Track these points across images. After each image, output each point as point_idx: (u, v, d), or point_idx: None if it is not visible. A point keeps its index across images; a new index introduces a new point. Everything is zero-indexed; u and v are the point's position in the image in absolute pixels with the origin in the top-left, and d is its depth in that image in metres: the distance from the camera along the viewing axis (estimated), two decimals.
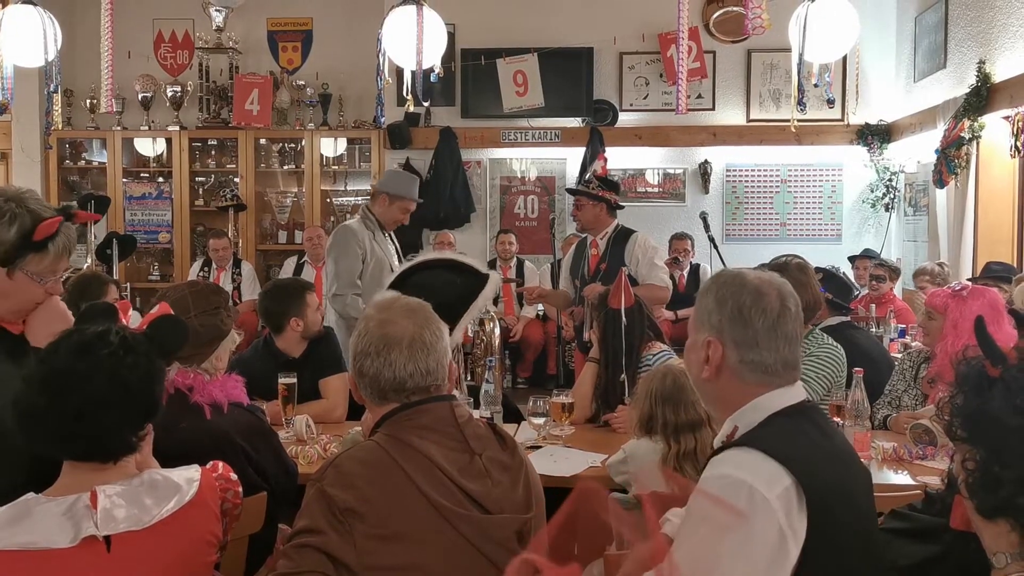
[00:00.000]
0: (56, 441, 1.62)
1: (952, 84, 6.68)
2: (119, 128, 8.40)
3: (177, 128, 8.40)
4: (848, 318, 4.15)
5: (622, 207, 4.94)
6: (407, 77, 4.45)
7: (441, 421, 1.77)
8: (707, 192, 8.25)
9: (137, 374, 1.63)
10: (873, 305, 5.87)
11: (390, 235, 4.80)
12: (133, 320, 1.95)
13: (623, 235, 4.73)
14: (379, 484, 1.67)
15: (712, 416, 2.38)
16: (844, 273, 5.00)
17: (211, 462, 1.85)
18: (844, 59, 6.45)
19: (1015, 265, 5.69)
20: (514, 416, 3.66)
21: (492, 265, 7.60)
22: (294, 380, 3.36)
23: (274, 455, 2.39)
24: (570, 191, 5.31)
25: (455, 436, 1.77)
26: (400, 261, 4.67)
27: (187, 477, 1.72)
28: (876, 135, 7.91)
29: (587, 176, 5.11)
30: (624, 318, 3.43)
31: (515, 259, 7.76)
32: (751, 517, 1.46)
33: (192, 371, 2.29)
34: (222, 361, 2.41)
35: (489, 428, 1.87)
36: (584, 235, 4.96)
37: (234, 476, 1.85)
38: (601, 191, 4.79)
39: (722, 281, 1.70)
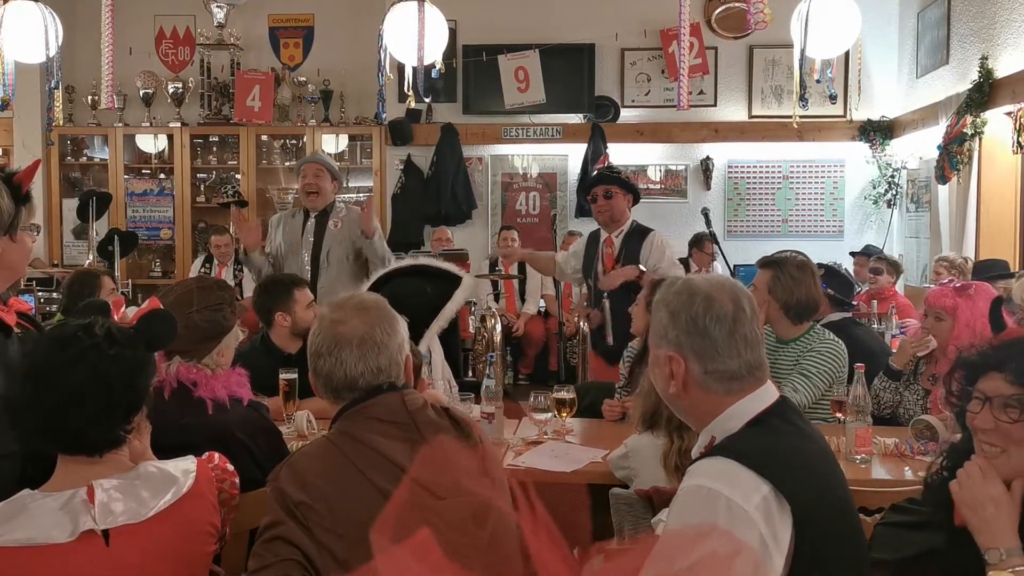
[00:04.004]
0: (41, 433, 1.62)
1: (954, 80, 6.66)
2: (120, 124, 8.40)
3: (178, 124, 8.40)
4: (850, 314, 4.14)
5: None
6: (408, 73, 4.45)
7: (392, 412, 1.80)
8: (709, 188, 8.24)
9: (120, 366, 1.62)
10: (875, 301, 5.85)
11: (314, 217, 4.77)
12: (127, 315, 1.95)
13: (638, 232, 4.42)
14: (331, 479, 1.71)
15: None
16: (846, 269, 4.98)
17: (207, 453, 1.85)
18: (846, 55, 6.44)
19: (1017, 261, 5.68)
20: (515, 412, 3.65)
21: (494, 263, 7.59)
22: (295, 376, 3.35)
23: (276, 452, 2.39)
24: (603, 178, 4.54)
25: (406, 426, 1.80)
26: (314, 237, 4.74)
27: (183, 468, 1.71)
28: (878, 131, 7.90)
29: (596, 169, 4.69)
30: None
31: None
32: (730, 530, 1.42)
33: (195, 366, 2.30)
34: (225, 357, 2.41)
35: (444, 413, 1.89)
36: (596, 231, 4.57)
37: (230, 467, 1.86)
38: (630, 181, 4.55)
39: (673, 292, 1.64)
